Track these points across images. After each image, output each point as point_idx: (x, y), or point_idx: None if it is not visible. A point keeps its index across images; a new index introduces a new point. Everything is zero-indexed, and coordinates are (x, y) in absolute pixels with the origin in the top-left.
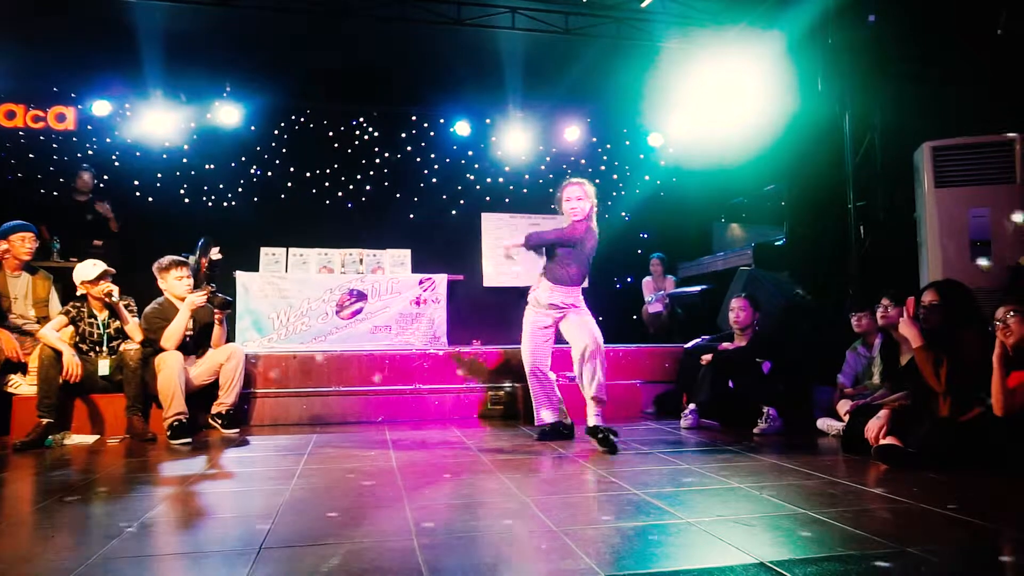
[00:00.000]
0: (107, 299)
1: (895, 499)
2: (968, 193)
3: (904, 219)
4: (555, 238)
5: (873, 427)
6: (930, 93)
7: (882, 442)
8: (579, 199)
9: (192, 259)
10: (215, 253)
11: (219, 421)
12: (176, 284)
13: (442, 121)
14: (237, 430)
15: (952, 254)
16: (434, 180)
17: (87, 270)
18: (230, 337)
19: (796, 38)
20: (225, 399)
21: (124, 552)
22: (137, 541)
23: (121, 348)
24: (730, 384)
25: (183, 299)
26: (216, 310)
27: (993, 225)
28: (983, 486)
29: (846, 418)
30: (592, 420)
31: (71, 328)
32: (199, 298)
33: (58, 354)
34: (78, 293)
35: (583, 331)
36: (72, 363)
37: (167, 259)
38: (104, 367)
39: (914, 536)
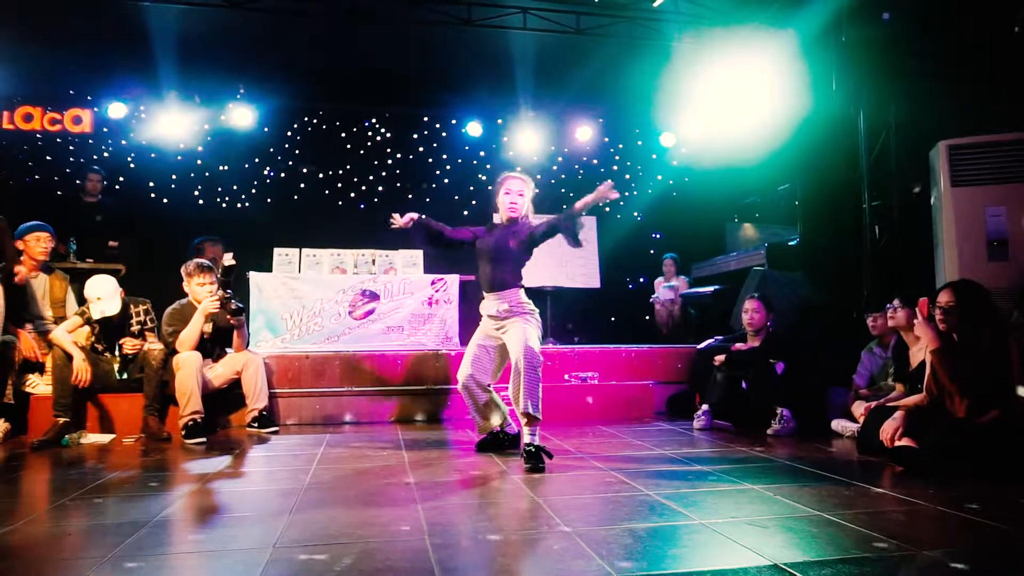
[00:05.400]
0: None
1: (910, 501)
2: (985, 192)
3: (919, 218)
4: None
5: (888, 428)
6: (945, 91)
7: (897, 444)
8: (520, 194)
9: (195, 261)
10: (228, 259)
11: (255, 425)
12: (198, 289)
13: (454, 122)
14: (275, 428)
15: (968, 254)
16: (446, 181)
17: (109, 307)
18: None
19: (809, 37)
20: (255, 405)
21: (139, 550)
22: (152, 539)
23: (145, 347)
24: (743, 385)
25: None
26: (230, 317)
27: (1010, 224)
28: (1000, 488)
29: (861, 419)
30: (524, 437)
31: (87, 328)
32: (213, 305)
33: (70, 356)
34: None
35: (515, 343)
36: (82, 368)
37: (193, 263)
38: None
39: (930, 538)
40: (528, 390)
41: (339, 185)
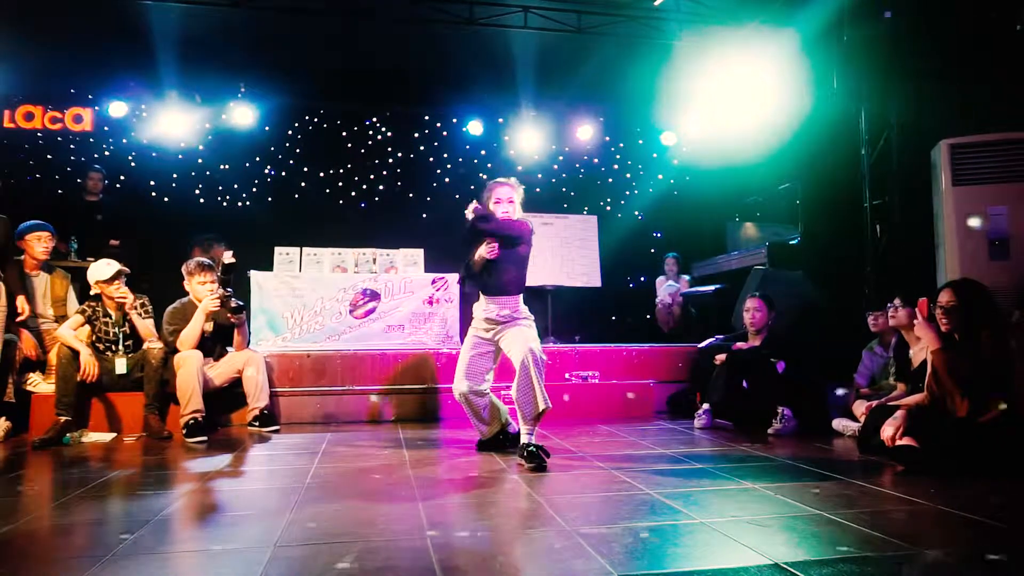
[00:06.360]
0: (122, 304)
1: (911, 500)
2: (986, 191)
3: (921, 217)
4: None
5: (889, 428)
6: (947, 90)
7: (898, 443)
8: (510, 202)
9: (195, 260)
10: (228, 257)
11: (256, 424)
12: (199, 288)
13: (455, 121)
14: (276, 427)
15: (969, 253)
16: (447, 180)
17: (101, 270)
18: None
19: (811, 35)
20: (257, 404)
21: (141, 548)
22: (153, 538)
23: (145, 346)
24: (744, 384)
25: None
26: (230, 315)
27: (1012, 223)
28: (1001, 487)
29: (862, 418)
30: (523, 437)
31: (88, 327)
32: (213, 303)
33: (75, 353)
34: (92, 293)
35: (519, 344)
36: (89, 363)
37: (194, 262)
38: (121, 366)
39: (931, 538)
40: (536, 388)
41: (340, 184)
